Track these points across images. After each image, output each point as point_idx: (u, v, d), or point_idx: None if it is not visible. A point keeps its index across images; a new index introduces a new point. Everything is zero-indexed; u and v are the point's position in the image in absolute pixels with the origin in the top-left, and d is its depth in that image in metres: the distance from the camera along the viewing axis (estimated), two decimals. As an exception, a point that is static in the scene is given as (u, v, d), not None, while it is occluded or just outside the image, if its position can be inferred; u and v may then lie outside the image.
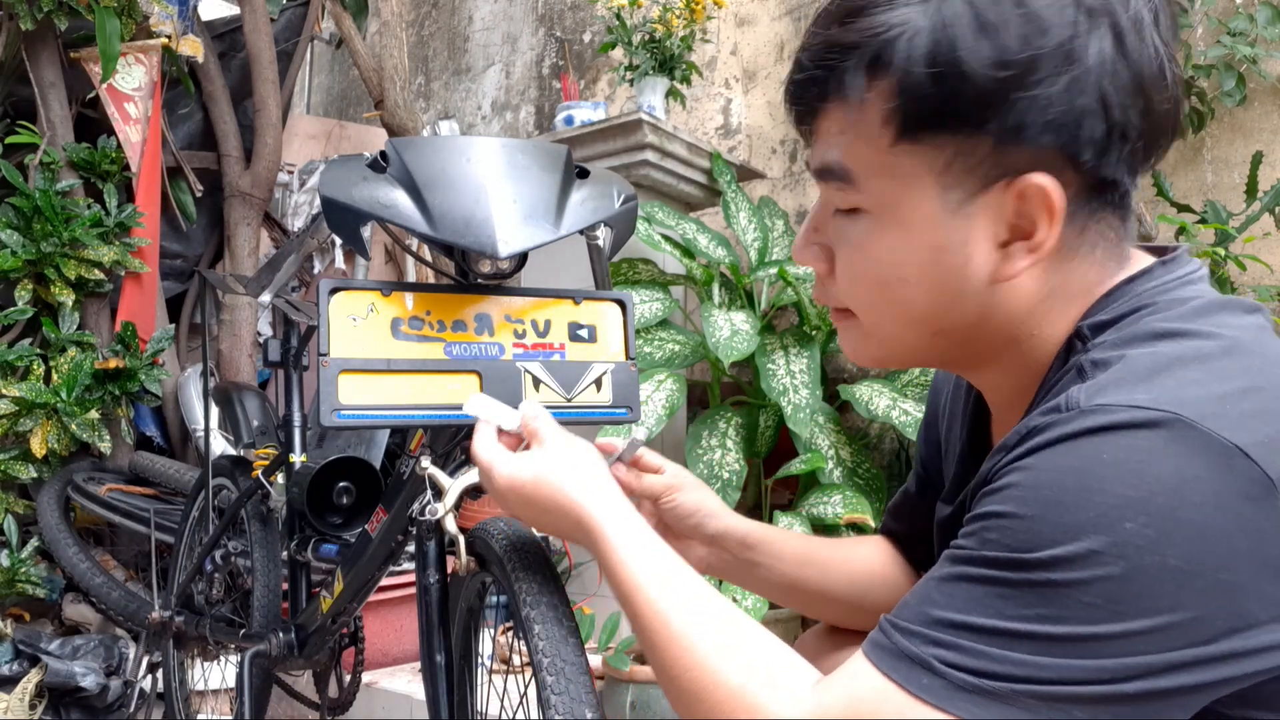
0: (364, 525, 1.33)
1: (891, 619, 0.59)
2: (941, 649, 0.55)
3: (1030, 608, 0.53)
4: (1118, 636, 0.51)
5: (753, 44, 3.50)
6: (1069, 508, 0.53)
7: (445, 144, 1.01)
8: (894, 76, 0.61)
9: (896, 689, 0.55)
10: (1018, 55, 0.58)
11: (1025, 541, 0.54)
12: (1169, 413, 0.53)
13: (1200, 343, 0.58)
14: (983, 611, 0.54)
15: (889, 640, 0.58)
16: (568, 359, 1.02)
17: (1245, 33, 2.31)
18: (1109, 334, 0.63)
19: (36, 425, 2.64)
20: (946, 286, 0.65)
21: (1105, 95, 0.59)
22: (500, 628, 2.10)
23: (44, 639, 2.34)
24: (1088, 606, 0.52)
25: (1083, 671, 0.52)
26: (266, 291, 3.27)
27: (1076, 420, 0.55)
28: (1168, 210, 2.44)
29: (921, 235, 0.64)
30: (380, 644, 2.34)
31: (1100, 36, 0.59)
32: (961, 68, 0.59)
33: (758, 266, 2.63)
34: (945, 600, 0.56)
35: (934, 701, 0.54)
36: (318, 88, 5.23)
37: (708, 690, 0.62)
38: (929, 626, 0.56)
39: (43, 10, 2.82)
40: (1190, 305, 0.62)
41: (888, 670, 0.56)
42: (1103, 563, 0.51)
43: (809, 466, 2.19)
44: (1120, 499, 0.52)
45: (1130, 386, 0.55)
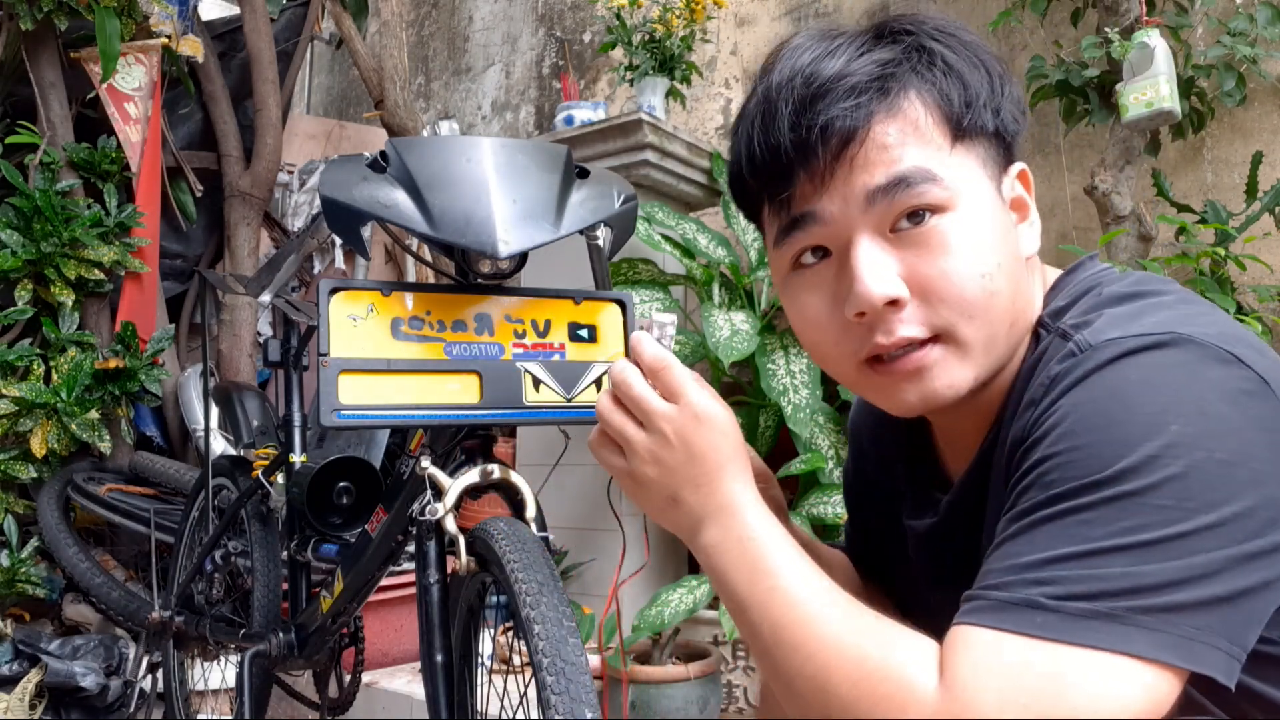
0: (364, 525, 1.33)
1: (979, 585, 0.58)
2: (1045, 586, 0.55)
3: (1114, 523, 0.55)
4: (1197, 531, 0.54)
5: (753, 44, 3.50)
6: (1117, 424, 0.57)
7: (445, 144, 1.01)
8: (930, 87, 0.69)
9: (1015, 637, 0.55)
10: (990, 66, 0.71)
11: (1088, 466, 0.57)
12: (1169, 333, 0.59)
13: (1159, 298, 0.66)
14: (1070, 541, 0.55)
15: (986, 600, 0.57)
16: (568, 359, 1.02)
17: (1245, 33, 2.31)
18: (1072, 312, 0.69)
19: (36, 425, 2.64)
20: (1017, 267, 0.70)
21: (1017, 100, 0.72)
22: (500, 628, 2.10)
23: (44, 639, 2.34)
24: (1163, 509, 0.54)
25: (1179, 571, 0.54)
26: (266, 291, 3.27)
27: (1094, 355, 0.61)
28: (1168, 210, 2.44)
29: (993, 221, 0.69)
30: (380, 644, 2.34)
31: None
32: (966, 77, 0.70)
33: (758, 266, 2.63)
34: (1029, 547, 0.57)
35: (1054, 636, 0.54)
36: (318, 88, 5.23)
37: (845, 669, 0.59)
38: (1023, 573, 0.56)
39: (43, 10, 2.82)
40: (1129, 279, 0.71)
41: (996, 624, 0.56)
42: (1164, 465, 0.55)
43: (809, 466, 2.19)
44: (1159, 406, 0.57)
45: (1125, 324, 0.62)
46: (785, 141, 0.68)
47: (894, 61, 0.68)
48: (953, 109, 0.68)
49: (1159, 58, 2.22)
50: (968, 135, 0.69)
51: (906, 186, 0.67)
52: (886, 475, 0.89)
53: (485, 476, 1.05)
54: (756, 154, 0.71)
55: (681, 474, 0.69)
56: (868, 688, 0.58)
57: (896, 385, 0.70)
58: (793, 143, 0.68)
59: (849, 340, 0.71)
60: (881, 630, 0.61)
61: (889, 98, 0.67)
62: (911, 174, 0.67)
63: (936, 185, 0.67)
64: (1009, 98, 0.71)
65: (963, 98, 0.68)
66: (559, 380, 1.00)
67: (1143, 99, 2.22)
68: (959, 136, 0.69)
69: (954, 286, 0.67)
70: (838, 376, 0.75)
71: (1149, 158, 2.53)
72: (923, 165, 0.67)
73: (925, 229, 0.67)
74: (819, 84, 0.68)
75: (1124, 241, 2.29)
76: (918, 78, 0.68)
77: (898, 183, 0.67)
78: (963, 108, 0.68)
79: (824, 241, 0.71)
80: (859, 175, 0.67)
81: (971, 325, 0.68)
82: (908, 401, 0.71)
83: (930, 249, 0.67)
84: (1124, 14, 2.34)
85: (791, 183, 0.70)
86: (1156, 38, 2.24)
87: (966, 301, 0.67)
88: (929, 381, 0.69)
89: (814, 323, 0.73)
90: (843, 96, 0.67)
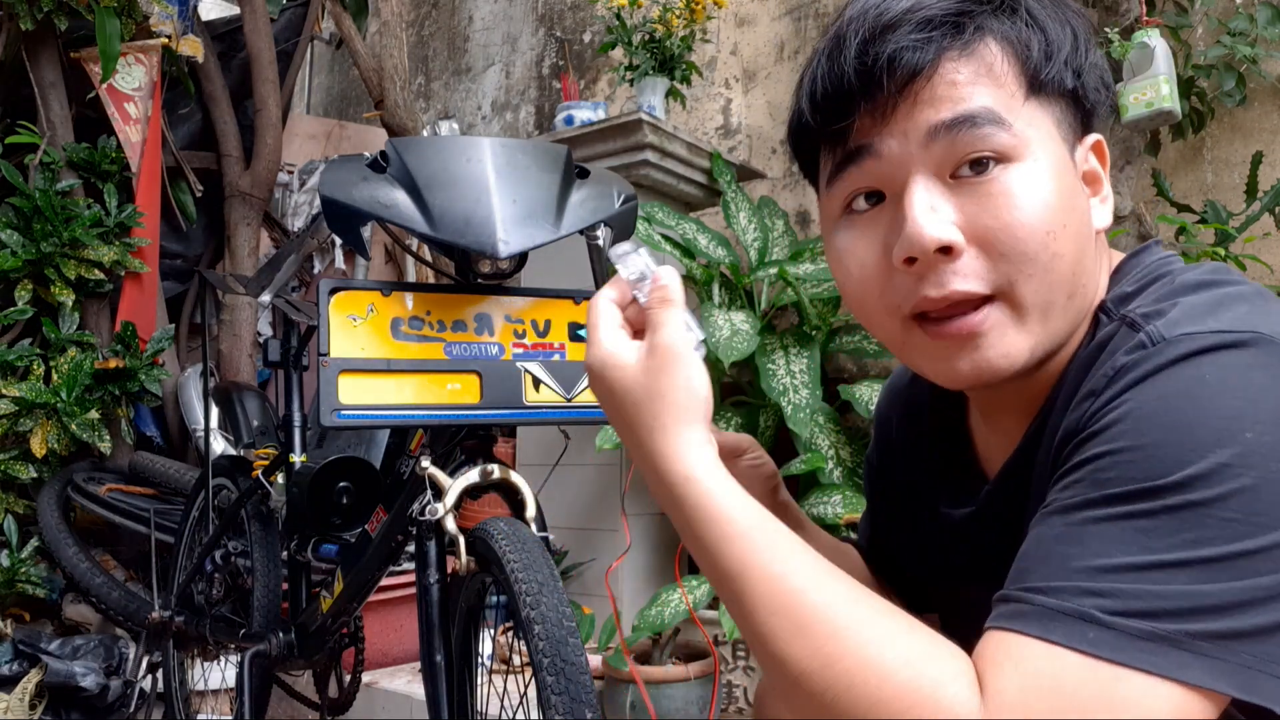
0: (364, 525, 1.33)
1: (1020, 586, 0.53)
2: (1099, 597, 0.50)
3: (1176, 534, 0.51)
4: (1265, 550, 0.50)
5: (753, 44, 3.50)
6: (1188, 428, 0.53)
7: (445, 144, 1.01)
8: (1011, 35, 0.65)
9: (1065, 651, 0.50)
10: (1076, 29, 0.67)
11: (1152, 469, 0.52)
12: (1250, 332, 0.55)
13: (1235, 288, 0.62)
14: (1128, 550, 0.51)
15: (1031, 605, 0.52)
16: (568, 359, 1.02)
17: (1245, 33, 2.31)
18: (1141, 299, 0.65)
19: (36, 425, 2.64)
20: (1083, 235, 0.66)
21: (1103, 70, 0.69)
22: (500, 628, 2.10)
23: (44, 639, 2.34)
24: (1230, 523, 0.50)
25: (1241, 593, 0.50)
26: (266, 291, 3.27)
27: (1167, 350, 0.56)
28: (1168, 210, 2.44)
29: (1061, 180, 0.65)
30: (380, 644, 2.34)
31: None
32: (1053, 34, 0.66)
33: (758, 266, 2.63)
34: (1080, 549, 0.52)
35: (1113, 658, 0.49)
36: (318, 88, 5.23)
37: (870, 684, 0.52)
38: (1075, 578, 0.51)
39: (43, 10, 2.82)
40: (1203, 267, 0.66)
41: (1043, 635, 0.50)
42: (1235, 475, 0.51)
43: (809, 466, 2.19)
44: (1234, 411, 0.53)
45: (1203, 318, 0.58)
46: (850, 71, 0.65)
47: (975, 0, 0.65)
48: (1031, 59, 0.64)
49: (1159, 58, 2.22)
50: (1044, 90, 0.65)
51: (972, 126, 0.63)
52: (916, 465, 0.87)
53: (485, 476, 1.05)
54: (818, 88, 0.67)
55: (627, 418, 0.64)
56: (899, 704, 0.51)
57: (946, 351, 0.65)
58: (857, 72, 0.65)
59: (895, 292, 0.66)
60: (903, 637, 0.54)
61: (964, 35, 0.64)
62: (979, 114, 0.63)
63: (1005, 130, 0.63)
64: (1092, 63, 0.67)
65: (1043, 50, 0.65)
66: (559, 380, 1.00)
67: (1143, 99, 2.22)
68: (1035, 89, 0.65)
69: (1016, 240, 0.62)
70: (880, 336, 0.70)
71: (1149, 158, 2.53)
72: (992, 107, 0.63)
73: (989, 178, 0.63)
74: (891, 16, 0.64)
75: (1124, 241, 2.30)
76: (997, 21, 0.65)
77: (963, 121, 0.63)
78: (1042, 59, 0.64)
79: (878, 183, 0.67)
80: (923, 111, 0.64)
81: (1030, 285, 0.63)
82: (959, 371, 0.66)
83: (993, 199, 0.63)
84: (1124, 14, 2.34)
85: (852, 115, 0.66)
86: (1156, 38, 2.24)
87: (1028, 257, 0.62)
88: (983, 350, 0.64)
89: (859, 272, 0.68)
90: (915, 29, 0.64)
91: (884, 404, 0.93)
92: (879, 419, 0.93)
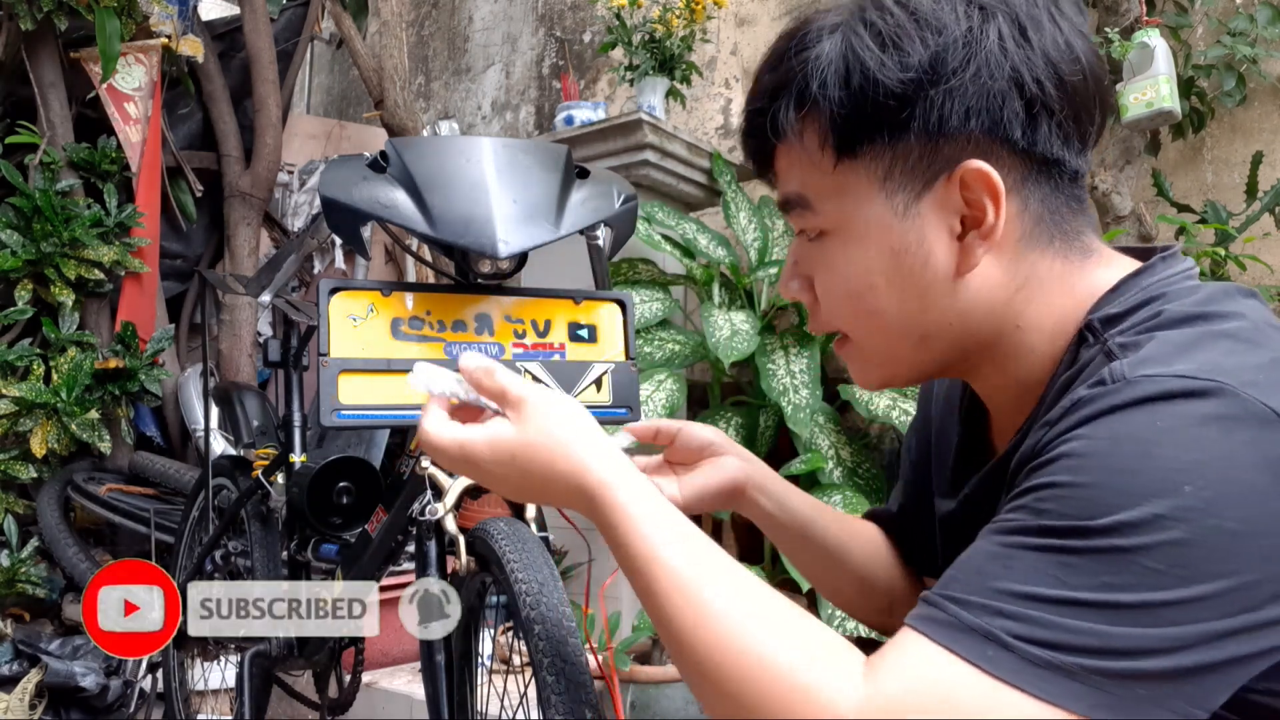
0: (364, 525, 1.33)
1: (941, 592, 0.56)
2: (1008, 620, 0.53)
3: (1096, 576, 0.52)
4: (1182, 603, 0.51)
5: (753, 44, 3.50)
6: (1129, 474, 0.53)
7: (445, 144, 1.01)
8: (817, 106, 0.67)
9: (963, 664, 0.52)
10: (920, 57, 0.64)
11: (1086, 509, 0.53)
12: (1214, 381, 0.54)
13: (1224, 324, 0.60)
14: (1048, 582, 0.53)
15: (944, 613, 0.55)
16: (568, 359, 1.02)
17: (1245, 33, 2.31)
18: (1126, 323, 0.64)
19: (36, 425, 2.64)
20: (914, 286, 0.68)
21: (1016, 74, 0.64)
22: (500, 628, 2.10)
23: (44, 639, 2.34)
24: (1153, 572, 0.51)
25: (1149, 640, 0.51)
26: (266, 291, 3.26)
27: (1125, 390, 0.56)
28: (1168, 210, 2.44)
29: (879, 242, 0.68)
30: (380, 644, 2.34)
31: (997, 26, 0.64)
32: (873, 82, 0.64)
33: (758, 266, 2.63)
34: (1004, 572, 0.54)
35: (1006, 678, 0.51)
36: (318, 88, 5.23)
37: (752, 671, 0.56)
38: (991, 598, 0.54)
39: (43, 10, 2.82)
40: (1202, 293, 0.64)
41: (950, 643, 0.53)
42: (1165, 527, 0.51)
43: (809, 466, 2.19)
44: (1178, 464, 0.53)
45: (1171, 359, 0.57)
46: (744, 143, 0.76)
47: (785, 83, 0.69)
48: (838, 127, 0.67)
49: (1159, 58, 2.22)
50: (854, 155, 0.67)
51: (789, 209, 0.73)
52: (942, 445, 0.87)
53: (485, 476, 1.05)
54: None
55: (540, 495, 0.71)
56: (777, 694, 0.55)
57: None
58: (744, 146, 0.76)
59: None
60: (790, 628, 0.58)
61: (777, 121, 0.70)
62: (790, 198, 0.72)
63: (809, 211, 0.71)
64: (959, 91, 0.63)
65: (846, 118, 0.66)
66: (559, 380, 1.00)
67: (1143, 99, 2.22)
68: (845, 153, 0.67)
69: (832, 302, 0.73)
70: None
71: (1149, 158, 2.53)
72: (798, 191, 0.71)
73: (818, 244, 0.72)
74: (747, 99, 0.74)
75: (1124, 242, 2.30)
76: (801, 101, 0.68)
77: (785, 204, 0.73)
78: (844, 131, 0.66)
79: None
80: (778, 186, 0.74)
81: (857, 335, 0.73)
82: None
83: (820, 264, 0.73)
84: (1124, 14, 2.34)
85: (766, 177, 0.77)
86: (1156, 38, 2.24)
87: (843, 318, 0.73)
88: (852, 370, 0.77)
89: None
90: (751, 118, 0.73)
91: (924, 398, 0.94)
92: (923, 396, 0.94)
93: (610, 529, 0.65)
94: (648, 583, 0.62)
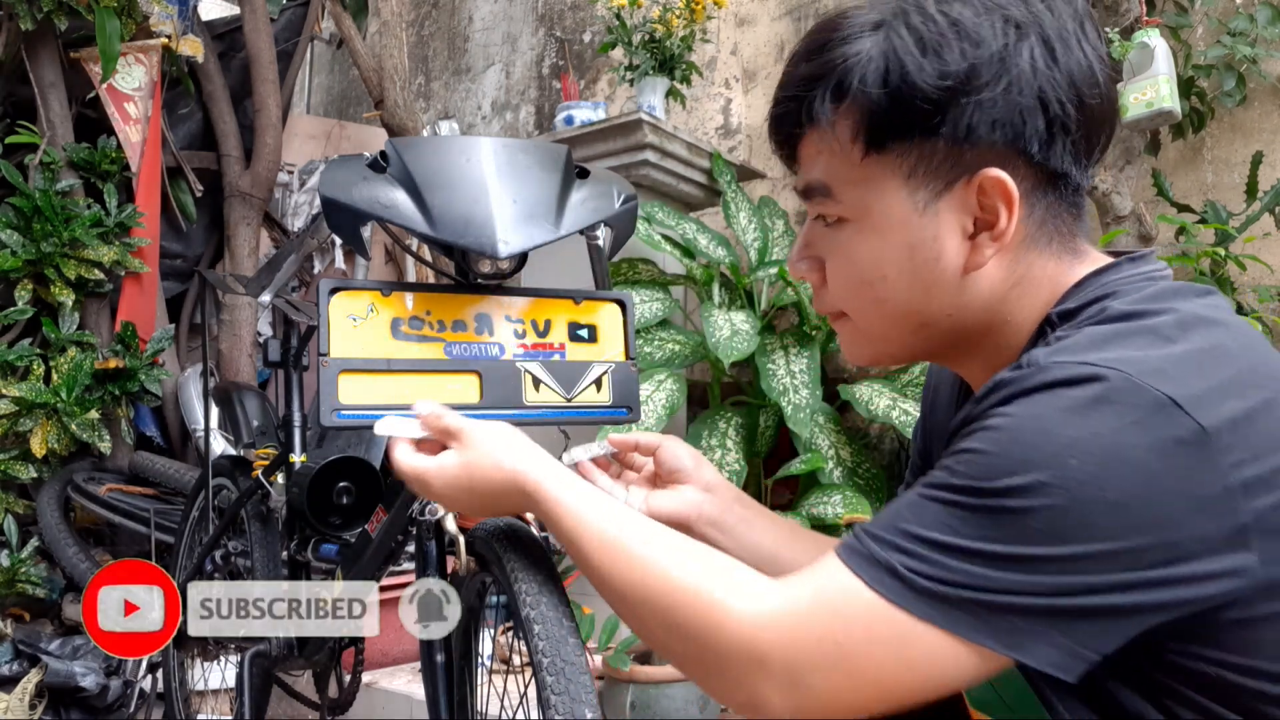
0: (364, 525, 1.33)
1: (865, 528, 0.65)
2: (906, 557, 0.62)
3: (982, 529, 0.60)
4: (1057, 559, 0.59)
5: (753, 44, 3.50)
6: (1025, 446, 0.60)
7: (445, 144, 1.01)
8: (855, 100, 0.71)
9: (863, 586, 0.62)
10: (958, 67, 0.68)
11: (985, 472, 0.61)
12: (1114, 370, 0.61)
13: (1152, 320, 0.66)
14: (944, 530, 0.61)
15: (861, 545, 0.64)
16: (568, 359, 1.02)
17: (1245, 33, 2.31)
18: (1079, 318, 0.70)
19: (36, 425, 2.64)
20: (922, 279, 0.74)
21: (1043, 93, 0.69)
22: (500, 628, 2.10)
23: (44, 639, 2.34)
24: (1033, 530, 0.59)
25: (1022, 585, 0.59)
26: (266, 291, 3.26)
27: (1036, 375, 0.63)
28: (1168, 210, 2.44)
29: (896, 235, 0.73)
30: (380, 644, 2.34)
31: (1030, 45, 0.69)
32: (911, 84, 0.69)
33: (758, 266, 2.63)
34: (914, 517, 0.63)
35: (895, 600, 0.61)
36: (318, 88, 5.23)
37: (663, 594, 0.68)
38: (898, 537, 0.63)
39: (43, 10, 2.82)
40: (1150, 291, 0.70)
41: (857, 569, 0.63)
42: (1047, 494, 0.59)
43: (809, 466, 2.19)
44: (1068, 439, 0.59)
45: (1085, 350, 0.64)
46: (768, 126, 0.81)
47: (823, 74, 0.72)
48: (869, 125, 0.71)
49: (1159, 58, 2.22)
50: (883, 150, 0.71)
51: (810, 195, 0.77)
52: (940, 436, 0.91)
53: (485, 476, 1.05)
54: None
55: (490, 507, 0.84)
56: (685, 610, 0.66)
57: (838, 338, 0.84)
58: (769, 129, 0.80)
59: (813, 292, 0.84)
60: (702, 559, 0.70)
61: (809, 114, 0.74)
62: (815, 185, 0.76)
63: (832, 200, 0.75)
64: (989, 103, 0.68)
65: (882, 115, 0.70)
66: (559, 380, 1.00)
67: (1143, 99, 2.22)
68: (876, 148, 0.72)
69: (841, 286, 0.78)
70: None
71: (1149, 158, 2.53)
72: (824, 180, 0.75)
73: (834, 230, 0.77)
74: (780, 85, 0.78)
75: (1124, 242, 2.30)
76: (840, 92, 0.72)
77: (806, 190, 0.77)
78: (879, 126, 0.71)
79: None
80: (800, 171, 0.78)
81: (861, 318, 0.78)
82: (844, 354, 0.85)
83: (834, 249, 0.77)
84: (1124, 14, 2.34)
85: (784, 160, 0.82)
86: (1156, 38, 2.24)
87: (850, 301, 0.78)
88: (843, 346, 0.83)
89: None
90: (778, 105, 0.77)
91: (934, 369, 0.99)
92: (927, 384, 1.00)
93: (549, 517, 0.77)
94: (580, 547, 0.74)
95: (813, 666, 0.62)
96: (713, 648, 0.65)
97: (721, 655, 0.65)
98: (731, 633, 0.64)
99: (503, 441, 0.82)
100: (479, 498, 0.82)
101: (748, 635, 0.64)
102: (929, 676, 0.62)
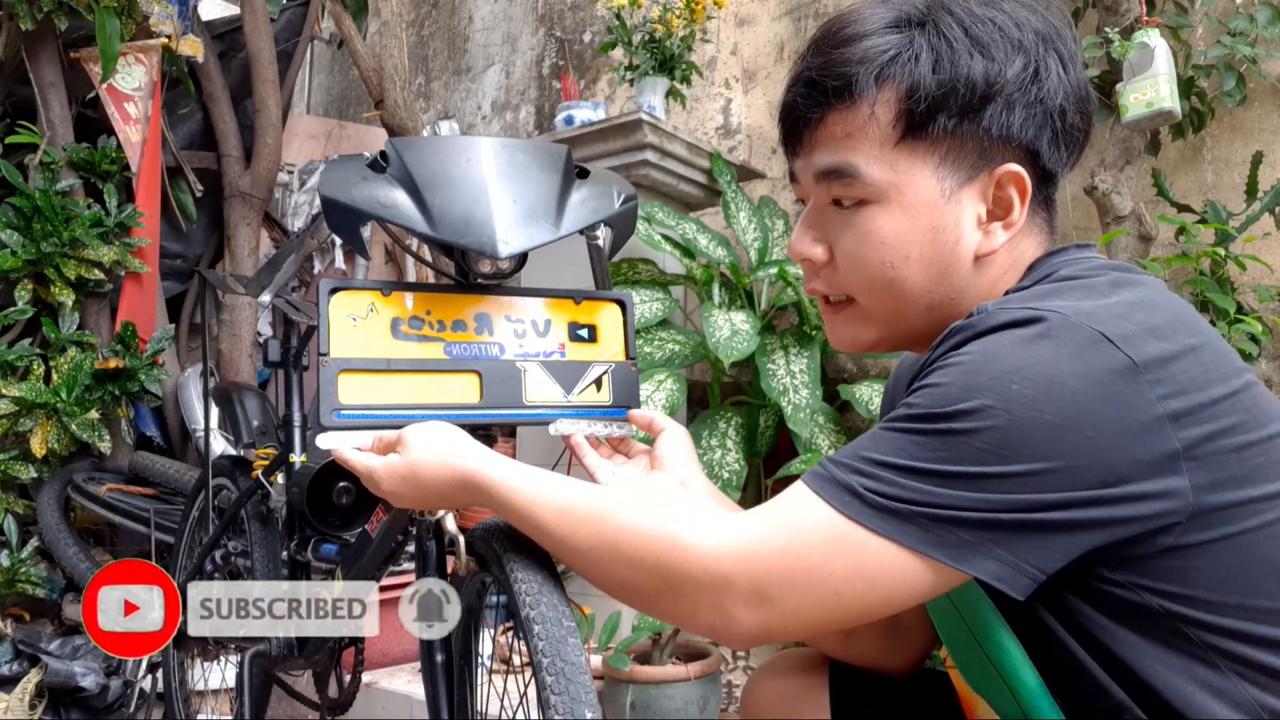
0: (364, 525, 1.33)
1: (829, 457, 0.71)
2: (864, 478, 0.67)
3: (934, 451, 0.66)
4: (1000, 476, 0.64)
5: (753, 44, 3.50)
6: (972, 374, 0.66)
7: (445, 144, 1.01)
8: (901, 85, 0.75)
9: (824, 503, 0.68)
10: (1004, 66, 0.74)
11: (938, 401, 0.67)
12: (1053, 312, 0.67)
13: (1091, 280, 0.73)
14: (899, 454, 0.67)
15: (825, 470, 0.70)
16: (568, 359, 1.02)
17: (1245, 33, 2.31)
18: (1028, 292, 0.76)
19: (36, 425, 2.64)
20: (941, 261, 0.79)
21: (1063, 103, 0.77)
22: (500, 628, 2.10)
23: (44, 639, 2.34)
24: (980, 450, 0.64)
25: (969, 501, 0.64)
26: (266, 291, 3.26)
27: (985, 320, 0.69)
28: (1168, 210, 2.44)
29: (922, 217, 0.78)
30: (380, 644, 2.34)
31: (1055, 57, 0.77)
32: (962, 76, 0.74)
33: (758, 266, 2.63)
34: (873, 445, 0.69)
35: (853, 516, 0.67)
36: (318, 88, 5.23)
37: (627, 537, 0.72)
38: (859, 462, 0.69)
39: (43, 10, 2.82)
40: (1083, 266, 0.77)
41: (819, 490, 0.69)
42: (992, 415, 0.64)
43: (809, 466, 2.19)
44: (1009, 368, 0.65)
45: (1026, 301, 0.70)
46: (782, 112, 0.83)
47: (868, 58, 0.76)
48: (912, 109, 0.75)
49: (1159, 58, 2.22)
50: (921, 135, 0.76)
51: (837, 176, 0.79)
52: None
53: (485, 476, 1.04)
54: (780, 109, 0.84)
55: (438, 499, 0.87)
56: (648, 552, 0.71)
57: (827, 323, 0.88)
58: (785, 111, 0.83)
59: (806, 274, 0.87)
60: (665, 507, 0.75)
61: (849, 92, 0.77)
62: (843, 167, 0.78)
63: (861, 182, 0.78)
64: (1023, 104, 0.75)
65: (930, 101, 0.75)
66: (559, 380, 1.00)
67: (1143, 99, 2.22)
68: (912, 134, 0.76)
69: (857, 267, 0.81)
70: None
71: (1149, 158, 2.53)
72: (853, 161, 0.78)
73: (851, 212, 0.80)
74: (803, 68, 0.81)
75: (1124, 241, 2.29)
76: (884, 75, 0.76)
77: (831, 172, 0.79)
78: (923, 111, 0.75)
79: (802, 197, 0.85)
80: (816, 154, 0.81)
81: (870, 300, 0.82)
82: (832, 338, 0.88)
83: (850, 230, 0.80)
84: (1124, 14, 2.34)
85: (790, 144, 0.84)
86: (1156, 38, 2.24)
87: (865, 281, 0.81)
88: (839, 330, 0.86)
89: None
90: (810, 85, 0.79)
91: (891, 381, 1.05)
92: (885, 395, 1.05)
93: (502, 505, 0.80)
94: (538, 523, 0.78)
95: (776, 580, 0.67)
96: (679, 575, 0.69)
97: (687, 581, 0.69)
98: (697, 560, 0.68)
99: (444, 440, 0.85)
100: (426, 494, 0.85)
101: (712, 559, 0.68)
102: (886, 589, 0.66)
